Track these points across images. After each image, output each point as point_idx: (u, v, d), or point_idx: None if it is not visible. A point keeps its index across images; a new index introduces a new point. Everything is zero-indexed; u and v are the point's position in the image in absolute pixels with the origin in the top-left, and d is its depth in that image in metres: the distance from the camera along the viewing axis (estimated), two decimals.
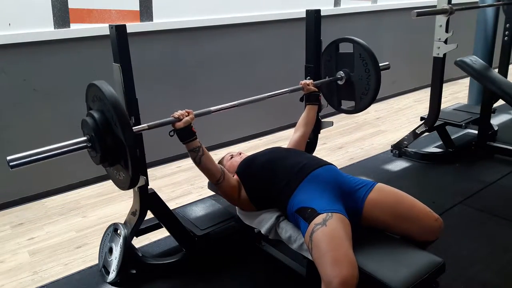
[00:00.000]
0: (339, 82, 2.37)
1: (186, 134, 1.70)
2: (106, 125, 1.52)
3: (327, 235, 1.44)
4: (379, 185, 1.70)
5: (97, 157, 1.55)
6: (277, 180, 1.74)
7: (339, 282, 1.31)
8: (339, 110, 2.52)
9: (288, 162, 1.78)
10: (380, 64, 2.25)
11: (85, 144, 1.55)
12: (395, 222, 1.61)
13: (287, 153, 1.88)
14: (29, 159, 1.44)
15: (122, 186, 1.62)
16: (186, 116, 1.72)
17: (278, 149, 1.96)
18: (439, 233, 1.62)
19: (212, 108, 1.90)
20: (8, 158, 1.39)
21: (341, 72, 2.35)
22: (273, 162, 1.81)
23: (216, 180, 1.78)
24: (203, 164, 1.74)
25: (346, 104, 2.49)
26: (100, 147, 1.52)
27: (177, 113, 1.72)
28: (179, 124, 1.69)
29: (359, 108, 2.37)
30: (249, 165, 1.88)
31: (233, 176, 1.97)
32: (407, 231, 1.62)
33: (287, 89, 2.19)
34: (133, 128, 1.55)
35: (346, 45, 2.36)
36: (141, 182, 1.80)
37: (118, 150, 1.52)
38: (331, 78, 2.37)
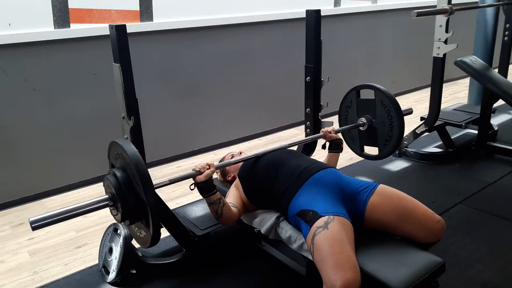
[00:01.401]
0: (361, 128, 2.30)
1: (207, 188, 1.65)
2: (128, 184, 1.50)
3: (329, 238, 1.43)
4: (381, 187, 1.69)
5: (119, 215, 1.53)
6: (278, 184, 1.73)
7: (342, 286, 1.30)
8: (362, 156, 2.44)
9: (289, 165, 1.77)
10: (402, 109, 2.17)
11: (106, 202, 1.53)
12: (397, 224, 1.61)
13: (288, 155, 1.87)
14: (50, 220, 1.43)
15: (143, 243, 1.60)
16: (207, 169, 1.67)
17: (279, 151, 1.95)
18: (441, 234, 1.61)
19: (232, 160, 1.85)
20: (30, 219, 1.39)
21: (363, 118, 2.28)
22: (274, 165, 1.80)
23: (237, 219, 1.78)
24: (224, 216, 1.69)
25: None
26: (122, 206, 1.50)
27: (198, 167, 1.66)
28: (200, 178, 1.63)
29: (383, 155, 2.28)
30: (250, 169, 1.86)
31: (234, 177, 1.97)
32: (410, 233, 1.61)
33: (308, 137, 2.14)
34: (154, 183, 1.52)
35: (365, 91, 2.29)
36: None
37: (139, 209, 1.50)
38: (352, 124, 2.30)
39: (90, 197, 1.49)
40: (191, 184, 1.66)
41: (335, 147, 2.14)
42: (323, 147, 2.18)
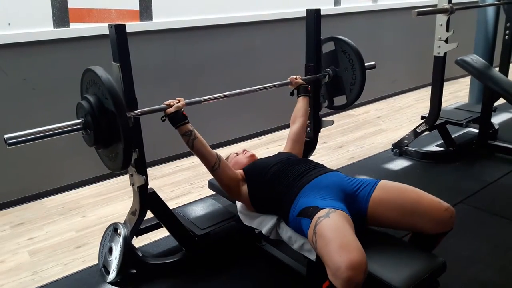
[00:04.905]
0: (327, 80, 2.41)
1: (177, 118, 1.76)
2: (100, 107, 1.59)
3: (332, 225, 1.40)
4: (383, 182, 1.66)
5: (91, 139, 1.62)
6: (281, 188, 1.72)
7: (348, 267, 1.24)
8: (333, 108, 2.56)
9: (294, 170, 1.76)
10: (365, 64, 2.32)
11: (80, 126, 1.63)
12: (402, 218, 1.56)
13: (295, 160, 1.87)
14: (26, 138, 1.52)
15: (115, 167, 1.69)
16: (177, 103, 1.79)
17: (289, 156, 1.93)
18: (451, 223, 1.54)
19: (202, 98, 1.96)
20: (6, 136, 1.46)
21: (328, 69, 2.40)
22: (279, 169, 1.79)
23: (211, 166, 1.79)
24: (195, 148, 1.77)
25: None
26: (94, 129, 1.59)
27: (168, 101, 1.79)
28: (170, 110, 1.76)
29: (351, 99, 2.41)
30: (259, 171, 1.84)
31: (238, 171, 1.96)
32: (417, 225, 1.55)
33: (275, 83, 2.23)
34: (127, 113, 1.63)
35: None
36: (140, 182, 1.80)
37: (111, 131, 1.59)
38: (318, 74, 2.37)
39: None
40: (162, 116, 1.77)
41: (303, 91, 2.26)
42: (291, 94, 2.30)
